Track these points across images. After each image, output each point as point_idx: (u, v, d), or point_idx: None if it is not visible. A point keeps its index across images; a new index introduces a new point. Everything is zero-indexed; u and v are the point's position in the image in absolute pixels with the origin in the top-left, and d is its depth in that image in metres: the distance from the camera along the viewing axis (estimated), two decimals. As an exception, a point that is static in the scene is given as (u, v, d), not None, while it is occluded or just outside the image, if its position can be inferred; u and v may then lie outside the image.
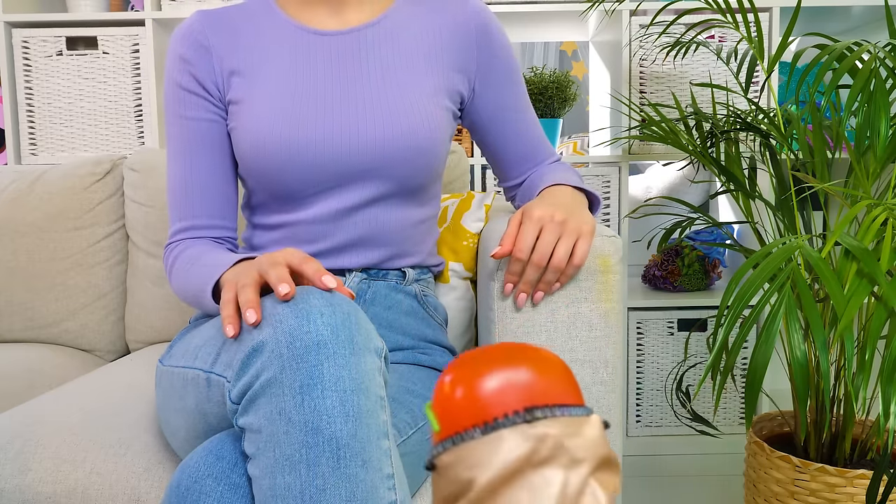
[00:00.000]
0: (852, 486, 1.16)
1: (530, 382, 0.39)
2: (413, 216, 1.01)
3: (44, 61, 1.79)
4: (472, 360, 0.41)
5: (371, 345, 0.71)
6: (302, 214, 0.97)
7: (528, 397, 0.38)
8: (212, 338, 0.78)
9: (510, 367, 0.39)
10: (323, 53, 0.98)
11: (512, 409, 0.38)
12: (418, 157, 0.96)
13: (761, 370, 1.01)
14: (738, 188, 1.43)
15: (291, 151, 0.93)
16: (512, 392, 0.38)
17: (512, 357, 0.40)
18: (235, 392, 0.69)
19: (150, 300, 1.48)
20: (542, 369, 0.40)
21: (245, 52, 0.98)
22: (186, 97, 0.98)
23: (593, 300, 0.90)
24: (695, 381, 1.94)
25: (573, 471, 0.37)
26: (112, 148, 1.82)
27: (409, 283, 1.03)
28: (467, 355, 0.42)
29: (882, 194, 1.25)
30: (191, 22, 0.99)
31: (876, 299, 1.00)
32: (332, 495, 0.63)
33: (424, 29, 1.01)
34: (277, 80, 0.96)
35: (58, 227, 1.49)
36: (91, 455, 0.91)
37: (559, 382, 0.40)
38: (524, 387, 0.39)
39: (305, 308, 0.68)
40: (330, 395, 0.65)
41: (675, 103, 1.55)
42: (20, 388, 1.25)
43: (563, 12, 1.87)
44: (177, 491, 0.69)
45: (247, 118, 0.95)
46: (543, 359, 0.40)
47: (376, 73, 0.97)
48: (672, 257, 1.96)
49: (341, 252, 0.99)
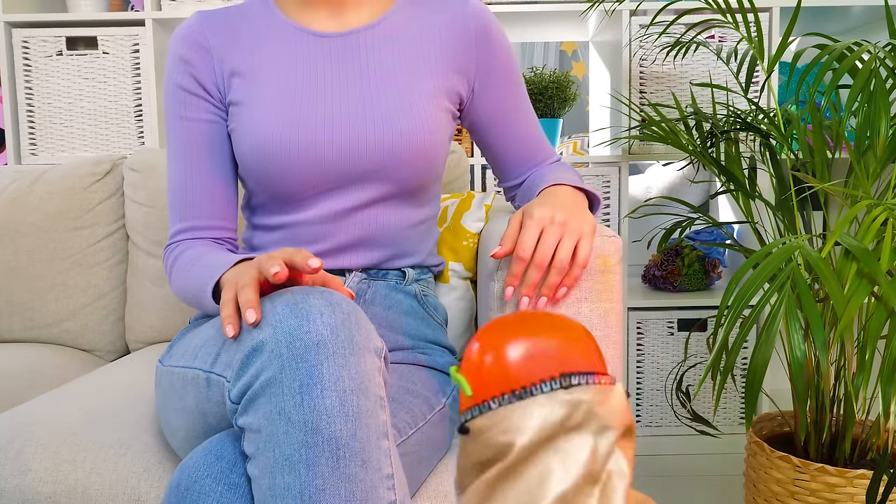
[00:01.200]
0: (852, 485, 1.16)
1: (563, 350, 0.40)
2: (413, 217, 1.01)
3: (44, 61, 1.79)
4: (502, 326, 0.41)
5: (371, 345, 0.70)
6: (301, 215, 0.97)
7: (562, 364, 0.39)
8: (212, 338, 0.78)
9: (542, 336, 0.40)
10: (322, 55, 0.98)
11: (548, 375, 0.39)
12: (418, 159, 0.96)
13: (761, 370, 1.01)
14: (738, 188, 1.43)
15: (291, 153, 0.93)
16: (546, 359, 0.39)
17: (543, 325, 0.41)
18: (235, 392, 0.69)
19: (151, 300, 1.48)
20: (573, 338, 0.41)
21: (245, 53, 0.98)
22: (187, 98, 0.98)
23: (593, 300, 0.90)
24: (695, 381, 1.94)
25: (602, 437, 0.38)
26: (112, 148, 1.82)
27: (408, 283, 1.03)
28: (497, 322, 0.42)
29: (882, 194, 1.25)
30: (191, 23, 0.99)
31: (876, 299, 1.00)
32: (331, 495, 0.63)
33: (424, 30, 1.01)
34: (277, 81, 0.96)
35: (58, 227, 1.49)
36: (91, 455, 0.91)
37: (589, 351, 0.41)
38: (558, 354, 0.40)
39: (305, 308, 0.68)
40: (329, 395, 0.65)
41: (675, 103, 1.56)
42: (20, 388, 1.26)
43: (563, 12, 1.87)
44: (176, 491, 0.69)
45: (247, 120, 0.95)
46: (572, 327, 0.41)
47: (376, 75, 0.97)
48: (672, 257, 1.96)
49: (341, 252, 0.99)
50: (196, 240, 0.98)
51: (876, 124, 1.18)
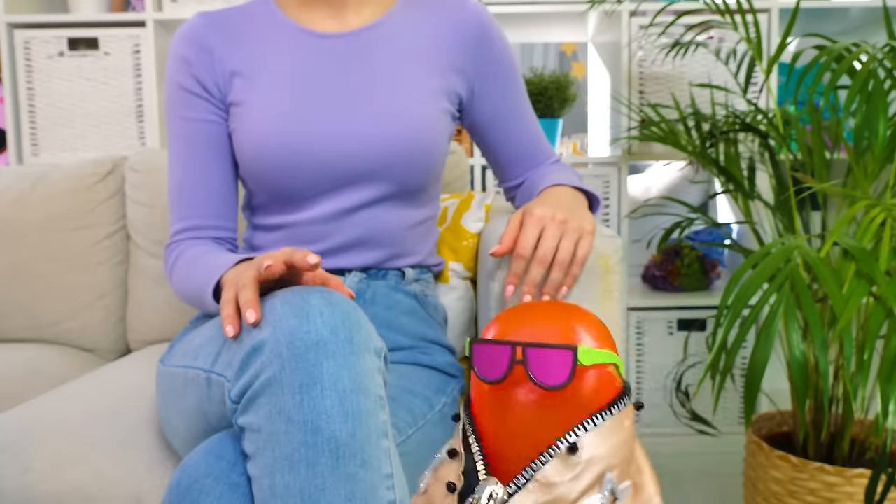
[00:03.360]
0: (851, 485, 1.17)
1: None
2: (413, 217, 1.02)
3: (45, 62, 1.80)
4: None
5: (371, 344, 0.71)
6: (302, 215, 0.98)
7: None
8: (212, 338, 0.78)
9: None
10: (323, 56, 0.98)
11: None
12: (418, 160, 0.96)
13: (760, 370, 1.01)
14: (737, 188, 1.44)
15: (292, 154, 0.93)
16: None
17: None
18: (235, 391, 0.69)
19: (151, 300, 1.48)
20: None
21: (246, 53, 0.98)
22: (188, 98, 0.98)
23: (593, 300, 0.90)
24: (694, 380, 1.94)
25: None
26: (113, 148, 1.82)
27: (408, 283, 1.03)
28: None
29: (880, 194, 1.26)
30: (192, 23, 1.00)
31: (874, 299, 1.01)
32: (331, 495, 0.64)
33: (423, 31, 1.01)
34: (278, 82, 0.96)
35: (59, 227, 1.50)
36: (92, 454, 0.91)
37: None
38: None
39: (305, 307, 0.68)
40: (329, 395, 0.65)
41: (675, 104, 1.56)
42: (21, 388, 1.26)
43: (562, 13, 1.87)
44: (177, 490, 0.69)
45: (247, 121, 0.95)
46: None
47: (376, 76, 0.97)
48: (672, 257, 1.96)
49: (341, 252, 0.99)
50: (197, 239, 0.99)
51: (874, 125, 1.18)
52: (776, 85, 1.86)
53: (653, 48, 1.81)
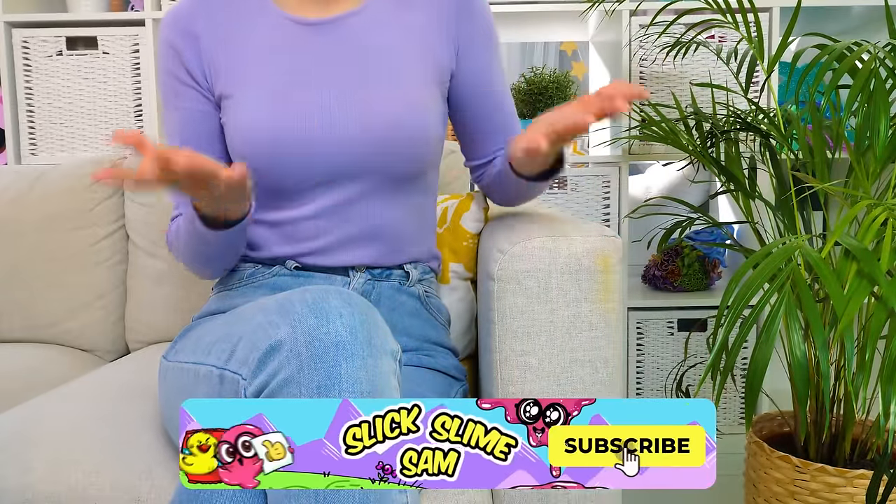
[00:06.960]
0: (852, 486, 1.17)
1: None
2: (410, 207, 1.01)
3: (44, 61, 1.79)
4: None
5: (387, 347, 0.71)
6: (297, 211, 0.97)
7: None
8: (225, 334, 0.78)
9: None
10: (309, 43, 0.98)
11: None
12: (412, 146, 0.96)
13: (761, 370, 1.01)
14: (738, 188, 1.43)
15: (280, 146, 0.93)
16: None
17: None
18: (251, 390, 0.69)
19: (151, 300, 1.47)
20: None
21: (232, 44, 0.98)
22: (178, 87, 0.99)
23: (593, 300, 0.90)
24: (695, 381, 1.94)
25: None
26: (112, 148, 1.81)
27: (412, 284, 1.03)
28: None
29: (882, 194, 1.25)
30: (179, 7, 1.00)
31: (876, 299, 1.00)
32: (345, 496, 0.63)
33: (408, 11, 1.01)
34: (264, 73, 0.96)
35: (58, 227, 1.49)
36: (91, 455, 0.91)
37: None
38: None
39: (324, 308, 0.68)
40: (347, 396, 0.65)
41: (675, 103, 1.56)
42: (20, 388, 1.25)
43: (563, 12, 1.86)
44: (187, 491, 0.69)
45: (236, 114, 0.96)
46: None
47: (363, 62, 0.97)
48: (672, 257, 1.96)
49: (342, 248, 0.99)
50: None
51: (876, 124, 1.18)
52: (777, 84, 1.85)
53: (653, 47, 1.81)
